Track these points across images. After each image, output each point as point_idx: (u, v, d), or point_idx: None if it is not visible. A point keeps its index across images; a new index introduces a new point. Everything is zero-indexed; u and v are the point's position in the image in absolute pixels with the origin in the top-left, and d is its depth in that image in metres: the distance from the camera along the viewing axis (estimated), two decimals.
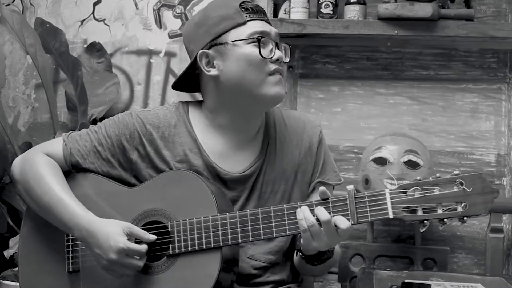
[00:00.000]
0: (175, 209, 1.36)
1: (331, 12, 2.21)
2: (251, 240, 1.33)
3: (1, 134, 2.27)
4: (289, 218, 1.30)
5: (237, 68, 1.37)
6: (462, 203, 1.21)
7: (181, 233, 1.34)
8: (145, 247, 1.32)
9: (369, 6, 2.23)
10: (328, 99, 2.37)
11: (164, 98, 2.49)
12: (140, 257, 1.32)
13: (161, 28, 2.51)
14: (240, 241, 1.32)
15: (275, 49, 1.39)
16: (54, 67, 2.51)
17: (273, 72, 1.38)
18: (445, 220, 1.23)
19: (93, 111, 2.36)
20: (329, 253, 1.35)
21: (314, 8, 2.24)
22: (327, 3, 2.21)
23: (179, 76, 1.48)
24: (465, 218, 1.22)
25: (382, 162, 2.05)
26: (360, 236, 2.28)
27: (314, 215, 1.26)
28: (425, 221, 1.23)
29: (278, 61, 1.39)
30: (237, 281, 1.41)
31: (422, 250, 2.14)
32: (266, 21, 1.43)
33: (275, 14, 2.28)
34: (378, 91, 2.35)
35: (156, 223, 1.37)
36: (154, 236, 1.34)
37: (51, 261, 1.43)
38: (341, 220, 1.24)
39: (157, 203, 1.38)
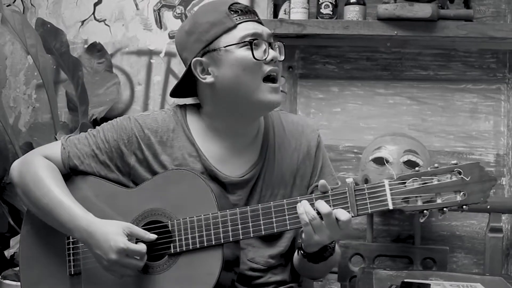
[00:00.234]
0: (175, 208, 1.36)
1: (331, 13, 2.22)
2: (252, 236, 1.33)
3: (2, 134, 2.27)
4: (289, 213, 1.30)
5: (231, 74, 1.36)
6: (461, 192, 1.22)
7: (182, 232, 1.34)
8: (145, 247, 1.32)
9: (368, 6, 2.23)
10: (328, 99, 2.38)
11: (164, 99, 2.50)
12: (140, 257, 1.32)
13: (162, 28, 2.51)
14: (241, 237, 1.33)
15: (269, 49, 1.37)
16: (54, 67, 2.51)
17: (268, 75, 1.37)
18: (444, 209, 1.23)
19: (93, 111, 2.36)
20: (331, 249, 1.35)
21: (314, 8, 2.24)
22: (327, 4, 2.22)
23: (175, 85, 1.47)
24: (464, 207, 1.23)
25: (381, 162, 2.05)
26: (359, 236, 2.28)
27: (314, 209, 1.26)
28: (424, 211, 1.24)
29: (273, 61, 1.37)
30: (238, 281, 1.41)
31: (422, 250, 2.14)
32: (257, 21, 1.40)
33: (275, 14, 2.28)
34: (377, 91, 2.35)
35: (157, 223, 1.37)
36: (155, 236, 1.34)
37: (52, 264, 1.43)
38: (341, 212, 1.25)
39: (157, 203, 1.38)
